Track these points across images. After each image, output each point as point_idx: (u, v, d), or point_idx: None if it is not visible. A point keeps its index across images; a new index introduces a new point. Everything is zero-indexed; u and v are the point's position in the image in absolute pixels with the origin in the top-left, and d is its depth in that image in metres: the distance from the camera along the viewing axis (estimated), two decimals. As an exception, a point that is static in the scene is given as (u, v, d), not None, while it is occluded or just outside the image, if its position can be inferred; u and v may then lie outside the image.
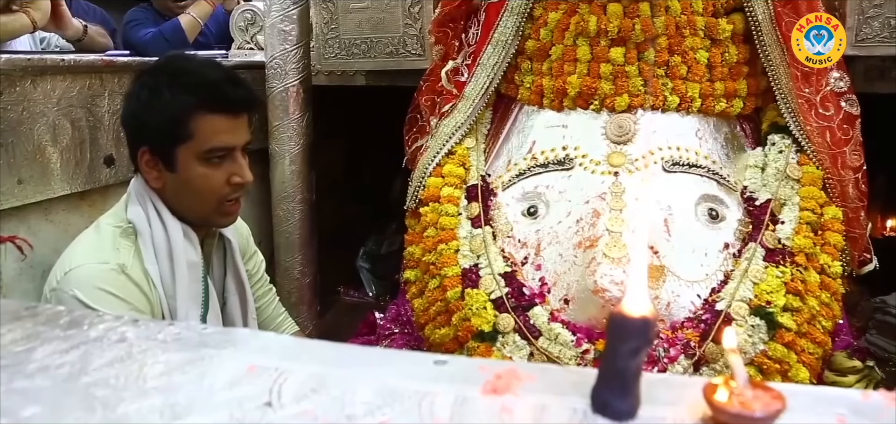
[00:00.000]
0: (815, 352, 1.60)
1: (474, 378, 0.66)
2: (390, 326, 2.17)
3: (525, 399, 0.62)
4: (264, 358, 0.73)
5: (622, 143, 1.76)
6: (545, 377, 0.68)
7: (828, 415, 0.59)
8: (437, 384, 0.66)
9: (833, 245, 1.69)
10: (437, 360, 0.71)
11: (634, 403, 0.59)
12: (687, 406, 0.60)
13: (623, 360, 0.57)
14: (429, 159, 1.96)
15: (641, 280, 0.58)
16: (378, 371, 0.69)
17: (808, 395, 0.62)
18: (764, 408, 0.55)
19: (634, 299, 0.57)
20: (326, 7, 2.23)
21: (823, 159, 1.75)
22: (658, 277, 1.59)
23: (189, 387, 0.68)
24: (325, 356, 0.74)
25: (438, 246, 1.80)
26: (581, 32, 1.84)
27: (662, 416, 0.59)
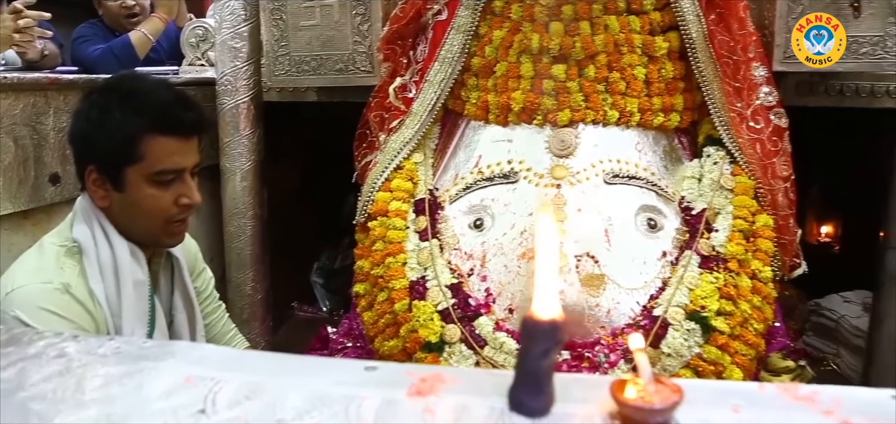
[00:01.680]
0: (748, 353, 1.67)
1: (401, 381, 0.69)
2: (343, 340, 2.19)
3: (447, 400, 0.66)
4: (201, 369, 0.75)
5: (564, 156, 1.82)
6: (468, 379, 0.71)
7: (724, 406, 0.64)
8: (365, 388, 0.69)
9: (764, 251, 1.77)
10: (367, 366, 0.74)
11: (548, 401, 0.63)
12: (597, 402, 0.64)
13: (535, 361, 0.61)
14: (377, 173, 1.99)
15: (550, 287, 0.62)
16: (310, 378, 0.72)
17: (709, 389, 0.67)
18: (663, 401, 0.60)
19: (543, 304, 0.61)
20: (277, 24, 2.25)
21: (755, 170, 1.83)
22: (599, 285, 1.65)
23: (126, 398, 0.70)
24: (261, 366, 0.77)
25: (386, 259, 1.84)
26: (524, 50, 1.91)
27: (574, 413, 0.63)
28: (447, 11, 2.02)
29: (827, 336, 2.67)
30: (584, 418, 0.63)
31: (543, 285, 0.62)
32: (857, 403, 0.66)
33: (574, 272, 1.64)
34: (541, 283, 0.62)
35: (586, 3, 1.86)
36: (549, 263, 0.63)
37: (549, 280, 0.62)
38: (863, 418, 0.63)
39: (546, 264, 0.63)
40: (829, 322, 2.65)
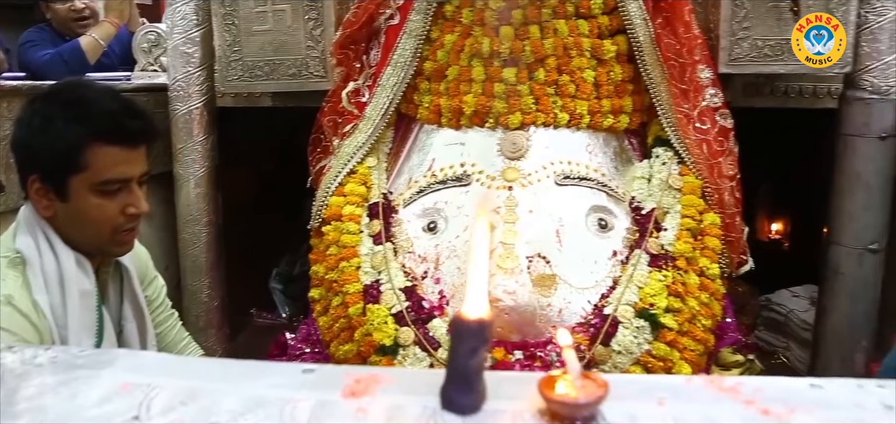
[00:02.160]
0: (697, 349, 1.71)
1: (337, 383, 0.70)
2: (301, 346, 2.18)
3: (382, 400, 0.67)
4: (138, 376, 0.75)
5: (516, 159, 1.85)
6: (404, 379, 0.73)
7: (650, 400, 0.66)
8: (301, 391, 0.70)
9: (711, 249, 1.81)
10: (304, 369, 0.75)
11: (478, 398, 0.64)
12: (527, 399, 0.66)
13: (464, 360, 0.63)
14: (331, 178, 2.00)
15: (480, 287, 0.63)
16: (248, 382, 0.72)
17: (636, 383, 0.69)
18: (588, 396, 0.61)
19: (471, 304, 0.62)
20: (229, 30, 2.24)
21: (702, 170, 1.88)
22: (550, 285, 1.67)
23: (59, 407, 0.69)
24: (200, 371, 0.77)
25: (340, 264, 1.84)
26: (475, 54, 1.93)
27: (504, 409, 0.65)
28: (399, 16, 2.03)
29: (777, 330, 2.74)
30: (513, 415, 0.64)
31: (473, 286, 0.63)
32: (776, 391, 0.69)
33: (526, 272, 1.66)
34: (470, 284, 0.63)
35: (536, 8, 1.89)
36: (479, 266, 0.64)
37: (479, 282, 0.63)
38: (781, 405, 0.66)
39: (477, 266, 0.64)
40: (778, 317, 2.72)
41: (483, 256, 0.64)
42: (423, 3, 2.00)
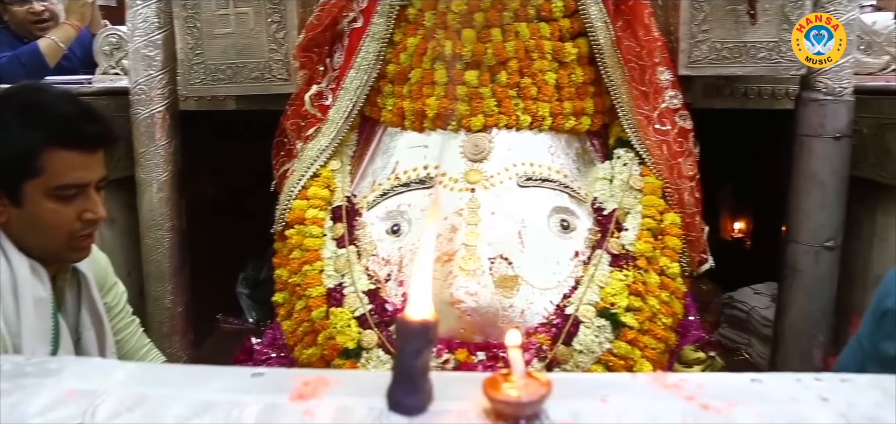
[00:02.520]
0: (658, 347, 1.74)
1: (286, 386, 0.70)
2: (267, 351, 2.17)
3: (329, 402, 0.67)
4: (85, 383, 0.74)
5: (479, 161, 1.86)
6: (353, 381, 0.73)
7: (594, 398, 0.67)
8: (250, 395, 0.70)
9: (672, 248, 1.84)
10: (254, 373, 0.75)
11: (424, 399, 0.65)
12: (473, 399, 0.66)
13: (409, 360, 0.63)
14: (294, 181, 1.99)
15: (424, 288, 0.64)
16: (197, 386, 0.72)
17: (581, 381, 0.71)
18: (530, 395, 0.62)
19: (415, 305, 0.63)
20: (191, 33, 2.21)
21: (662, 170, 1.90)
22: (513, 286, 1.69)
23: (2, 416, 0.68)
24: (148, 376, 0.77)
25: (303, 268, 1.84)
26: (438, 56, 1.94)
27: (450, 410, 0.65)
28: (362, 19, 2.03)
29: (739, 327, 2.79)
30: (459, 414, 0.65)
31: (416, 287, 0.64)
32: (718, 388, 0.71)
33: (488, 273, 1.67)
34: (414, 286, 0.64)
35: (497, 11, 1.90)
36: (424, 268, 0.65)
37: (423, 284, 0.64)
38: (721, 401, 0.68)
39: (421, 268, 0.65)
40: (741, 314, 2.77)
41: (429, 258, 0.65)
42: (386, 7, 2.00)
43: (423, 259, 0.65)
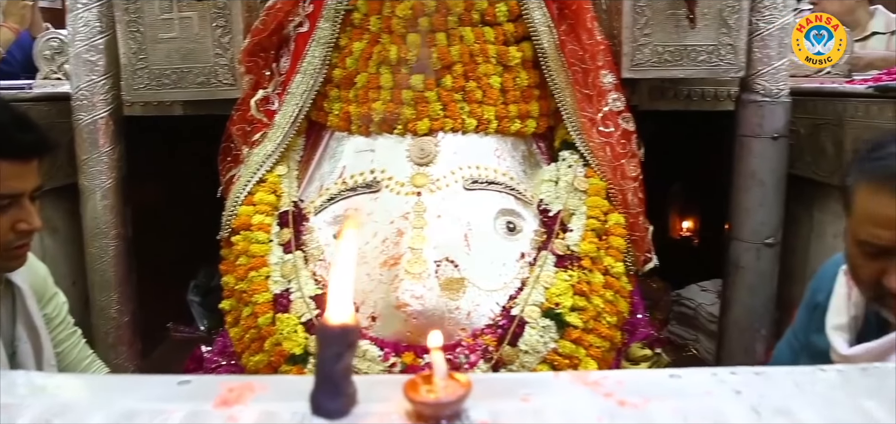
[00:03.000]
0: (603, 346, 1.77)
1: (211, 393, 0.70)
2: (217, 359, 2.15)
3: (253, 408, 0.67)
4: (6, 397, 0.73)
5: (425, 164, 1.87)
6: (278, 386, 0.73)
7: (515, 397, 0.69)
8: (175, 402, 0.69)
9: (616, 248, 1.87)
10: (181, 381, 0.74)
11: (346, 402, 0.65)
12: (396, 401, 0.67)
13: (329, 365, 0.64)
14: (240, 187, 1.98)
15: (343, 293, 0.64)
16: (121, 396, 0.71)
17: (502, 381, 0.72)
18: (449, 395, 0.63)
19: (334, 309, 0.63)
20: (134, 37, 2.18)
21: (606, 172, 1.94)
22: (459, 289, 1.70)
23: (-86, 434, 0.67)
24: (74, 387, 0.76)
25: (249, 274, 1.82)
26: (383, 61, 1.94)
27: (373, 411, 0.66)
28: (308, 23, 2.03)
29: (687, 324, 2.85)
30: (381, 416, 0.65)
31: (334, 292, 0.64)
32: (636, 384, 0.72)
33: (433, 276, 1.68)
34: (331, 291, 0.64)
35: (442, 16, 1.92)
36: (342, 272, 0.65)
37: (341, 288, 0.65)
38: (638, 397, 0.69)
39: (339, 273, 0.65)
40: (688, 311, 2.84)
41: (347, 263, 0.66)
42: (332, 11, 2.00)
43: (340, 264, 0.65)
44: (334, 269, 0.65)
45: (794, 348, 1.64)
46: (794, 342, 1.65)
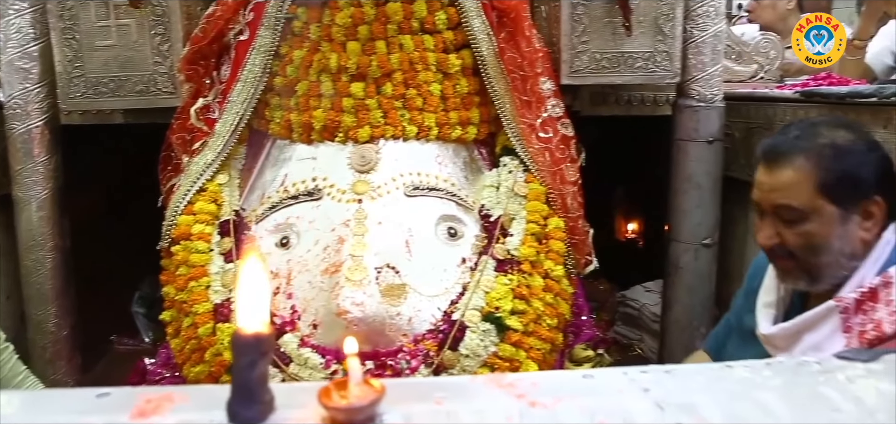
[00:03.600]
0: (543, 348, 1.80)
1: (129, 405, 0.70)
2: (161, 370, 2.12)
3: (171, 418, 0.67)
4: (-83, 416, 0.71)
5: (366, 172, 1.88)
6: (199, 396, 0.73)
7: (429, 400, 0.70)
8: (92, 415, 0.69)
9: (556, 252, 1.91)
10: (100, 393, 0.74)
11: (262, 409, 0.66)
12: (313, 407, 0.68)
13: (244, 373, 0.65)
14: (180, 196, 1.96)
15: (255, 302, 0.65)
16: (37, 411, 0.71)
17: (416, 385, 0.73)
18: (361, 400, 0.65)
19: (247, 318, 0.64)
20: (69, 45, 2.13)
21: (545, 177, 1.97)
22: (400, 294, 1.71)
23: None
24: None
25: (189, 284, 1.81)
26: (323, 69, 1.95)
27: (291, 418, 0.67)
28: (248, 31, 2.02)
29: (632, 324, 2.91)
30: (296, 421, 0.66)
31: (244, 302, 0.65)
32: (550, 385, 0.75)
33: (374, 283, 1.69)
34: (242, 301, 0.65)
35: (381, 24, 1.93)
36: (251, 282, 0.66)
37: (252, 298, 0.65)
38: (549, 397, 0.72)
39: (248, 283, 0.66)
40: (633, 311, 2.90)
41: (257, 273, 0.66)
42: (272, 19, 2.00)
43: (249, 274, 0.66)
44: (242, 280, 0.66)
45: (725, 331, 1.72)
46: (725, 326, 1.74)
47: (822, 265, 1.32)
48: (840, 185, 1.29)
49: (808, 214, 1.30)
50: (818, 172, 1.30)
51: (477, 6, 1.98)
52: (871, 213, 1.30)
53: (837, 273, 1.32)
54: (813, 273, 1.33)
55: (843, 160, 1.30)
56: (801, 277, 1.36)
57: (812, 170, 1.30)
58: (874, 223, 1.31)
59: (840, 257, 1.31)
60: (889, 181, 1.33)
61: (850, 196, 1.29)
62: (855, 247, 1.31)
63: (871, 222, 1.31)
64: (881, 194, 1.30)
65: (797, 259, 1.34)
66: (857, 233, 1.30)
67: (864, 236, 1.31)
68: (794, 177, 1.31)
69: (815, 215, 1.30)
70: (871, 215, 1.30)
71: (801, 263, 1.33)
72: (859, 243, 1.31)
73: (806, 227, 1.31)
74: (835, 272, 1.32)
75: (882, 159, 1.34)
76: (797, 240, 1.32)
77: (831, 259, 1.31)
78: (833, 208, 1.29)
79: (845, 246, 1.30)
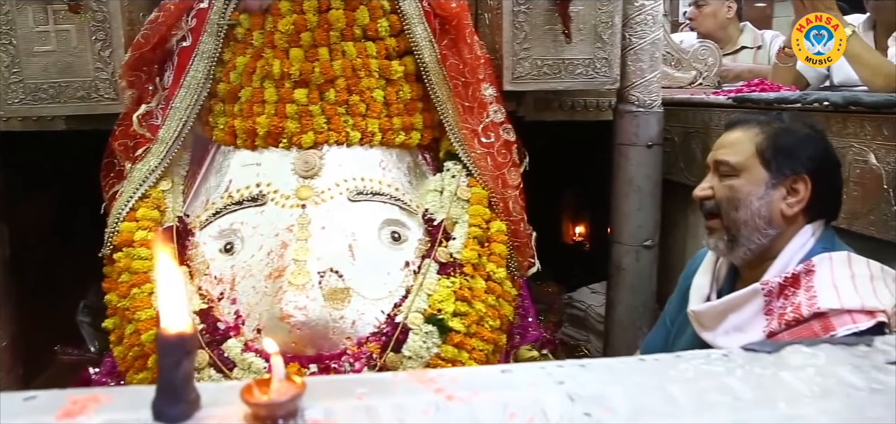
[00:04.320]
0: (485, 349, 1.83)
1: (56, 406, 0.71)
2: (106, 379, 2.11)
3: (97, 418, 0.69)
4: None
5: (310, 177, 1.89)
6: (125, 397, 0.75)
7: (350, 395, 0.73)
8: (19, 418, 0.70)
9: (498, 255, 1.95)
10: (26, 397, 0.75)
11: (187, 408, 0.68)
12: (238, 405, 0.70)
13: (169, 372, 0.67)
14: (122, 203, 1.94)
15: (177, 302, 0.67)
16: (-43, 418, 0.71)
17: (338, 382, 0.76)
18: (281, 396, 0.67)
19: (170, 318, 0.66)
20: (6, 50, 2.09)
21: (487, 181, 2.01)
22: (343, 298, 1.73)
23: None
24: None
25: (132, 291, 1.80)
26: (267, 75, 1.96)
27: (215, 415, 0.69)
28: (191, 38, 2.02)
29: (579, 325, 2.97)
30: (221, 419, 0.68)
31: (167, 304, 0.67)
32: (468, 379, 0.78)
33: (317, 287, 1.71)
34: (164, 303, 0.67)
35: (324, 31, 1.95)
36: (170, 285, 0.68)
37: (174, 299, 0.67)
38: (467, 391, 0.75)
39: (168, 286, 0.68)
40: (579, 313, 2.96)
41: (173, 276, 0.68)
42: (214, 26, 2.00)
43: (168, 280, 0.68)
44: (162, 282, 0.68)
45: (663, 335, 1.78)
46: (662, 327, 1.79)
47: (740, 221, 1.42)
48: (776, 152, 1.40)
49: (740, 171, 1.42)
50: (761, 138, 1.42)
51: (419, 13, 2.01)
52: (797, 190, 1.39)
53: (753, 237, 1.42)
54: (732, 231, 1.44)
55: (786, 136, 1.42)
56: (722, 235, 1.46)
57: (756, 135, 1.43)
58: (797, 201, 1.39)
59: (757, 219, 1.41)
60: (823, 172, 1.42)
61: (781, 166, 1.40)
62: (773, 215, 1.40)
63: (795, 199, 1.39)
64: (811, 178, 1.38)
65: (720, 216, 1.45)
66: (779, 205, 1.39)
67: (785, 211, 1.39)
68: (740, 138, 1.45)
69: (745, 173, 1.42)
70: (796, 192, 1.39)
71: (724, 218, 1.44)
72: (779, 215, 1.40)
73: (734, 181, 1.43)
74: (751, 233, 1.42)
75: (823, 151, 1.44)
76: (723, 192, 1.44)
77: (748, 218, 1.41)
78: (763, 171, 1.40)
79: (763, 209, 1.40)
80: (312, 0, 1.96)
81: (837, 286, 1.28)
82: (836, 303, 1.26)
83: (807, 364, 0.84)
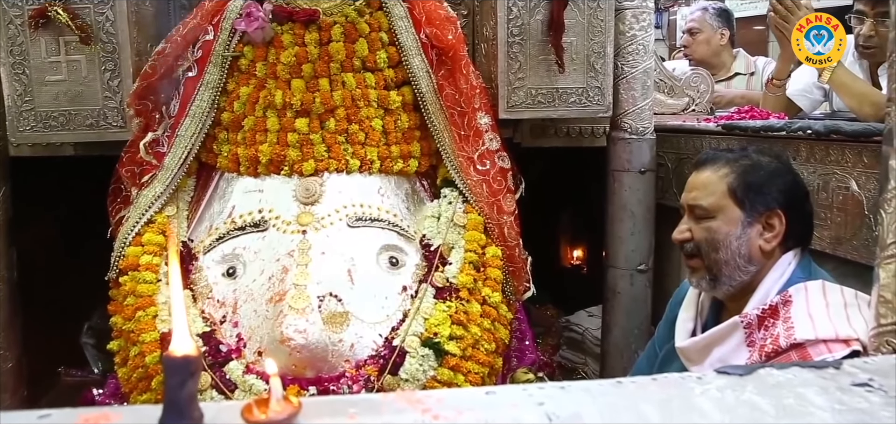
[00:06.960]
0: (481, 371, 1.88)
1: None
2: (109, 400, 2.16)
3: (107, 435, 0.74)
4: None
5: (310, 204, 1.95)
6: (132, 415, 0.80)
7: (343, 415, 0.78)
8: (32, 436, 0.75)
9: (493, 279, 2.00)
10: (41, 415, 0.80)
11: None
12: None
13: (174, 392, 0.72)
14: (128, 228, 2.00)
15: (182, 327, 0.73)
16: (-24, 436, 0.76)
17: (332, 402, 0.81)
18: (278, 415, 0.72)
19: (176, 342, 0.72)
20: (19, 79, 2.17)
21: (483, 207, 2.07)
22: (342, 322, 1.78)
23: None
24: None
25: (137, 313, 1.85)
26: (269, 105, 2.03)
27: (216, 435, 0.74)
28: (197, 69, 2.09)
29: (576, 348, 3.01)
30: (220, 438, 0.74)
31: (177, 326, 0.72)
32: (455, 400, 0.83)
33: (317, 311, 1.76)
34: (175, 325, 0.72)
35: (324, 62, 2.03)
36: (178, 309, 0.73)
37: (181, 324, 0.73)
38: (452, 411, 0.80)
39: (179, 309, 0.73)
40: (576, 336, 3.00)
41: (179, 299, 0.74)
42: (219, 57, 2.08)
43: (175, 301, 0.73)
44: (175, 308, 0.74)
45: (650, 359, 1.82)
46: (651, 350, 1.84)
47: (721, 261, 1.46)
48: (748, 191, 1.44)
49: (715, 212, 1.46)
50: (731, 177, 1.46)
51: (416, 45, 2.08)
52: (772, 225, 1.44)
53: (735, 276, 1.46)
54: (713, 271, 1.48)
55: (755, 172, 1.46)
56: (704, 275, 1.50)
57: (726, 175, 1.47)
58: (773, 236, 1.44)
59: (737, 258, 1.45)
60: (794, 203, 1.47)
61: (754, 203, 1.44)
62: (752, 252, 1.44)
63: (771, 235, 1.44)
64: (784, 211, 1.43)
65: (701, 256, 1.49)
66: (757, 241, 1.44)
67: (763, 246, 1.44)
68: (711, 178, 1.49)
69: (720, 214, 1.46)
70: (771, 228, 1.44)
71: (704, 259, 1.48)
72: (757, 251, 1.44)
73: (711, 223, 1.46)
74: (732, 272, 1.46)
75: (792, 183, 1.49)
76: (702, 234, 1.48)
77: (729, 257, 1.45)
78: (738, 211, 1.44)
79: (742, 247, 1.45)
80: (314, 33, 2.03)
81: (812, 316, 1.33)
82: (812, 333, 1.30)
83: (776, 385, 0.89)
